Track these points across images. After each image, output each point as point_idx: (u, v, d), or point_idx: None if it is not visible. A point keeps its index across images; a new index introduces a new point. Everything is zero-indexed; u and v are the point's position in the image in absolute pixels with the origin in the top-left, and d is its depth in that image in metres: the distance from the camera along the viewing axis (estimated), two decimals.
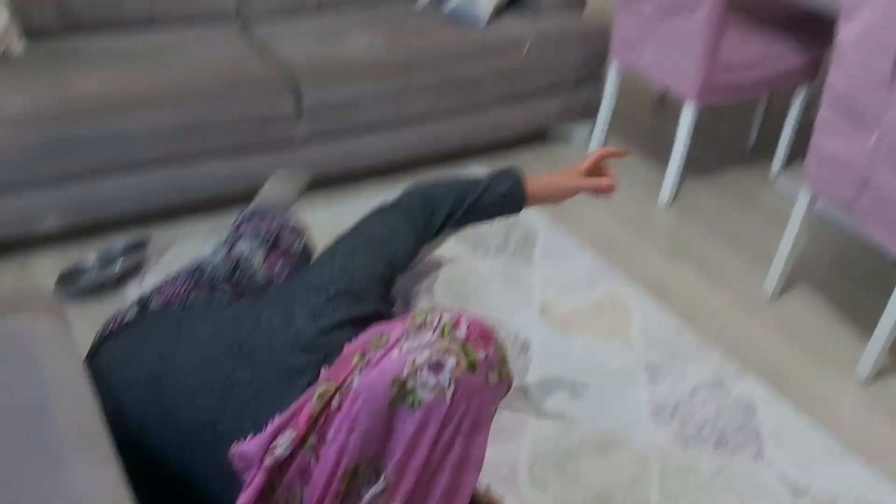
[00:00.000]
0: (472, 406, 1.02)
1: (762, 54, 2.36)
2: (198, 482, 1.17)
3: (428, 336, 1.03)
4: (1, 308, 1.27)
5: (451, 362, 1.00)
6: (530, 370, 1.85)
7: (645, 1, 2.39)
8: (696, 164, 2.78)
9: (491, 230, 2.34)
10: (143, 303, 1.36)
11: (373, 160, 2.48)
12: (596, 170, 1.58)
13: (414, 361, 1.00)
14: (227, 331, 1.19)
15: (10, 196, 2.00)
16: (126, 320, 1.34)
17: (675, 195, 2.59)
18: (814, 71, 2.47)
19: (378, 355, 1.03)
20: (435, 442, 1.01)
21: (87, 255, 2.10)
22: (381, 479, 1.02)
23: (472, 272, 2.17)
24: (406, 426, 1.00)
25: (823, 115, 1.85)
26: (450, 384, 0.99)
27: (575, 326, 1.99)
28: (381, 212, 1.37)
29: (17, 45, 2.17)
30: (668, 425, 1.72)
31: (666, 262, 2.27)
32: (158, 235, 2.24)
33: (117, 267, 2.01)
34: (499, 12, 2.65)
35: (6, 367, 1.15)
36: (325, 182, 2.52)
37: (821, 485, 1.60)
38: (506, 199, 1.44)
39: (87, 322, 1.92)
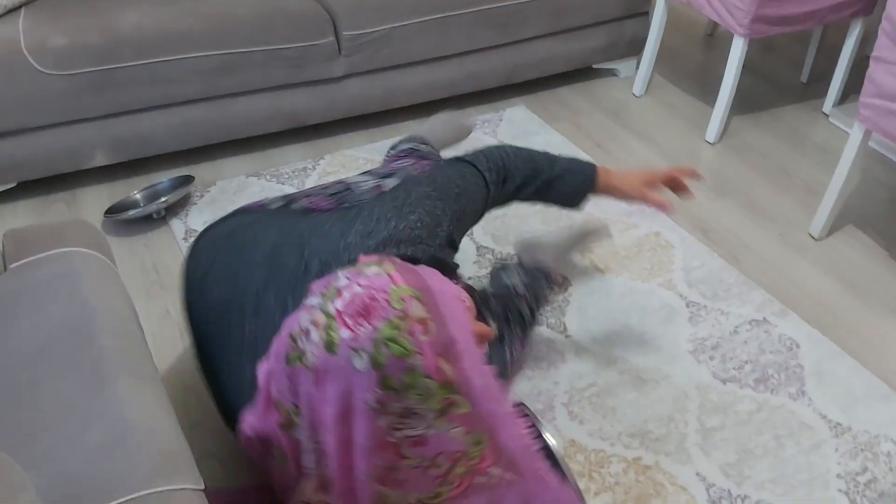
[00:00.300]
0: (332, 389, 0.92)
1: None
2: (235, 365, 1.20)
3: (316, 299, 0.97)
4: (50, 239, 1.31)
5: (314, 335, 0.93)
6: (569, 307, 1.85)
7: None
8: (746, 101, 2.70)
9: None
10: (287, 200, 1.43)
11: (413, 96, 2.45)
12: (673, 181, 1.55)
13: (300, 320, 0.96)
14: (301, 224, 1.26)
15: (57, 132, 2.04)
16: (267, 206, 1.42)
17: (724, 132, 2.52)
18: (871, 3, 2.35)
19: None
20: (322, 407, 0.94)
21: (135, 191, 2.14)
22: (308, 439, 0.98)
23: (512, 208, 2.16)
24: (302, 384, 0.95)
25: (880, 48, 1.77)
26: (312, 357, 0.93)
27: (616, 265, 1.97)
28: (460, 165, 1.38)
29: None
30: (708, 362, 1.71)
31: (711, 200, 2.23)
32: (202, 172, 2.27)
33: (164, 202, 2.04)
34: None
35: (55, 295, 1.19)
36: (365, 118, 2.51)
37: (862, 424, 1.59)
38: (574, 194, 1.48)
39: (133, 253, 1.97)
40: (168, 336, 1.75)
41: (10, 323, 1.15)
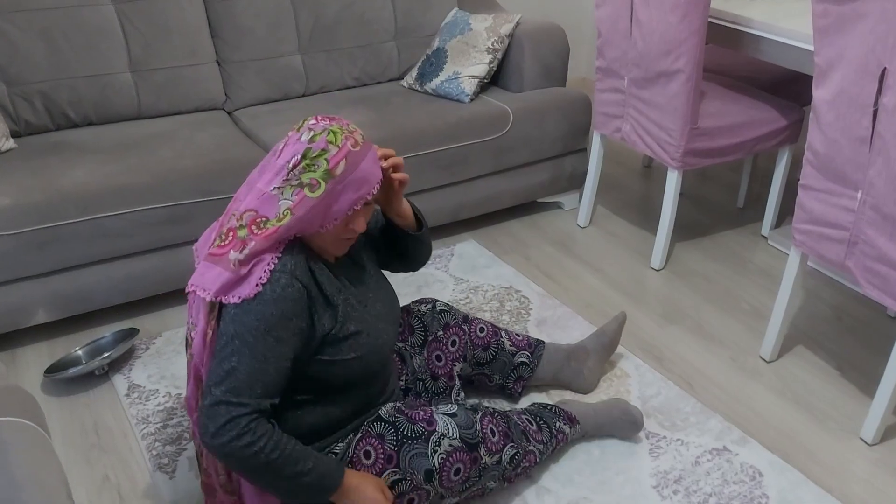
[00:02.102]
0: (284, 154, 1.37)
1: (742, 119, 2.39)
2: None
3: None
4: None
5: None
6: None
7: (622, 72, 2.44)
8: (686, 227, 2.79)
9: (485, 299, 2.32)
10: None
11: None
12: None
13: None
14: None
15: None
16: None
17: (668, 259, 2.58)
18: (796, 132, 2.50)
19: None
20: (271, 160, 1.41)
21: (76, 347, 2.08)
22: None
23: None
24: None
25: (806, 176, 1.86)
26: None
27: (572, 396, 1.95)
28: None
29: (7, 143, 2.20)
30: (673, 497, 1.67)
31: (661, 327, 2.25)
32: (147, 324, 2.22)
33: (106, 357, 1.98)
34: (482, 88, 2.71)
35: None
36: None
37: None
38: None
39: (73, 413, 1.88)
40: None
41: None
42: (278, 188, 1.35)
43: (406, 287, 2.40)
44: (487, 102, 2.61)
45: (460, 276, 2.46)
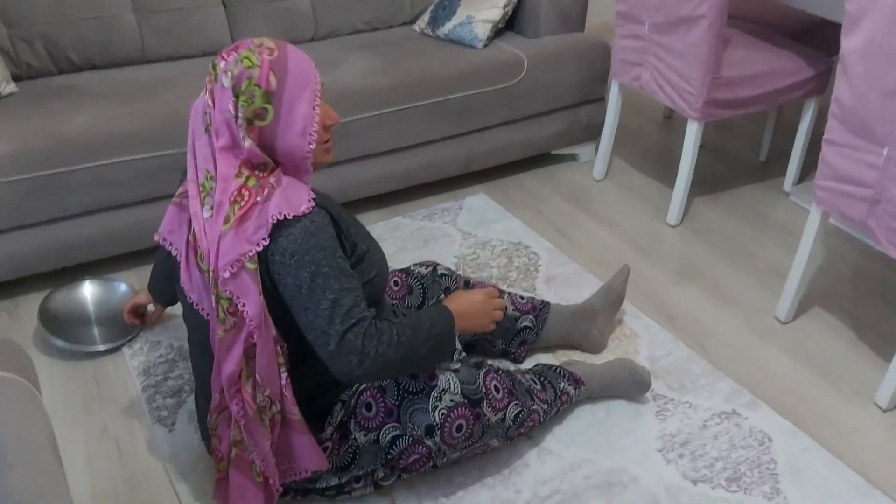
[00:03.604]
0: (217, 111, 1.30)
1: (766, 68, 2.27)
2: None
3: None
4: None
5: (208, 85, 1.33)
6: None
7: (643, 17, 2.33)
8: (706, 181, 2.70)
9: (493, 255, 2.27)
10: None
11: (369, 188, 2.42)
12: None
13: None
14: None
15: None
16: None
17: (684, 215, 2.50)
18: (823, 83, 2.39)
19: None
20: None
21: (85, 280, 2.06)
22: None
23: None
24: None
25: (831, 130, 1.77)
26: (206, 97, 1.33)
27: (579, 356, 1.91)
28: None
29: (8, 87, 2.15)
30: (678, 461, 1.63)
31: (674, 285, 2.19)
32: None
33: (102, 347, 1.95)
34: (497, 33, 2.60)
35: None
36: None
37: None
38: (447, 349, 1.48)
39: (73, 365, 1.87)
40: (105, 455, 1.65)
41: None
42: (241, 137, 1.29)
43: (412, 241, 2.35)
44: (501, 48, 2.51)
45: (468, 231, 2.40)
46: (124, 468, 1.62)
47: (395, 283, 1.76)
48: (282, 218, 1.26)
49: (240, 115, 1.27)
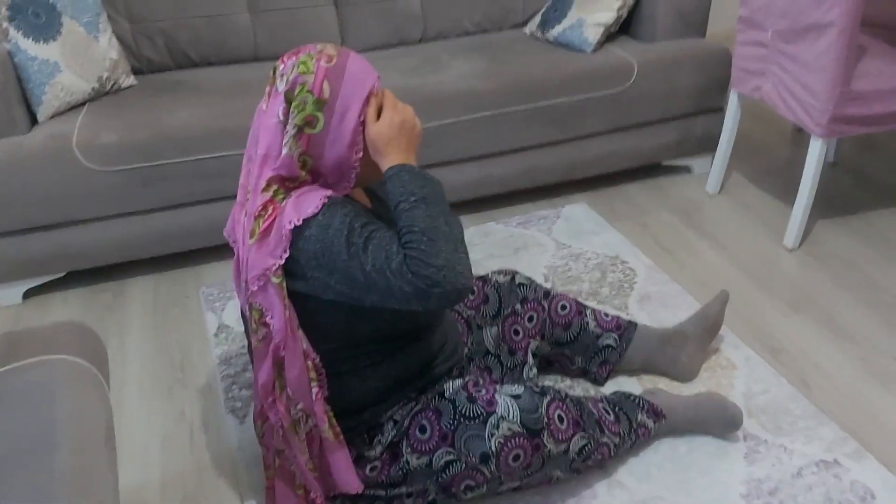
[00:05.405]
0: (269, 114, 1.29)
1: None
2: None
3: None
4: (40, 345, 1.28)
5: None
6: None
7: (767, 23, 2.15)
8: (835, 202, 2.47)
9: (586, 268, 2.17)
10: None
11: (465, 192, 2.38)
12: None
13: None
14: None
15: (104, 224, 2.08)
16: None
17: (803, 238, 2.29)
18: None
19: None
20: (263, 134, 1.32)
21: None
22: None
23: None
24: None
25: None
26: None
27: (666, 385, 1.78)
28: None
29: (127, 80, 2.27)
30: None
31: (783, 315, 2.00)
32: None
33: None
34: (610, 37, 2.49)
35: (25, 406, 1.14)
36: None
37: None
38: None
39: (165, 347, 1.94)
40: (179, 439, 1.70)
41: None
42: (284, 144, 1.26)
43: (502, 249, 2.28)
44: (611, 53, 2.40)
45: (563, 241, 2.31)
46: (194, 454, 1.66)
47: (472, 292, 1.70)
48: (294, 227, 1.23)
49: (290, 121, 1.25)
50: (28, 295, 2.17)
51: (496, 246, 2.30)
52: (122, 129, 2.02)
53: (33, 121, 2.06)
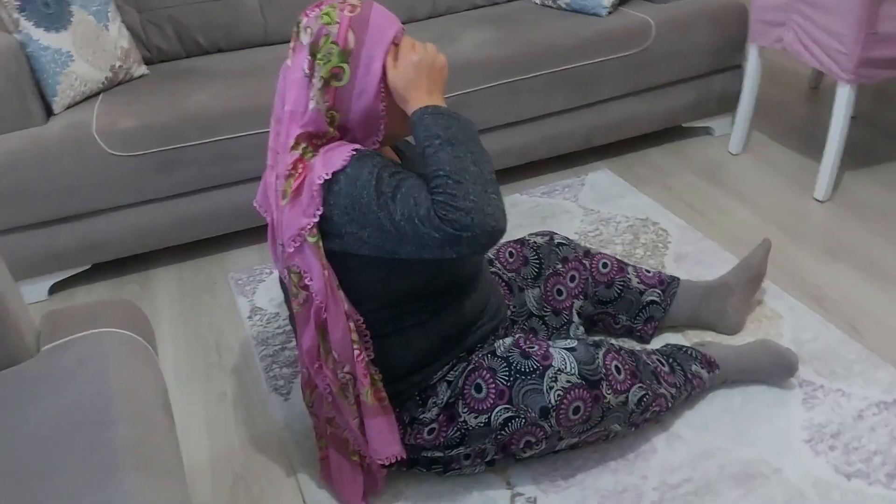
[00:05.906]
0: (294, 67, 1.26)
1: None
2: None
3: None
4: (86, 320, 1.25)
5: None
6: None
7: None
8: (858, 153, 2.44)
9: (617, 231, 2.14)
10: None
11: None
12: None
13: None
14: None
15: (127, 213, 2.05)
16: None
17: (834, 189, 2.27)
18: None
19: None
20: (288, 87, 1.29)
21: None
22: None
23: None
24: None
25: None
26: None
27: (713, 338, 1.75)
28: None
29: (139, 69, 2.23)
30: (828, 453, 1.45)
31: (822, 264, 1.98)
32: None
33: None
34: None
35: (78, 378, 1.11)
36: None
37: None
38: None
39: (199, 332, 1.91)
40: (222, 420, 1.66)
41: (28, 407, 1.07)
42: (310, 98, 1.23)
43: (529, 218, 2.25)
44: (626, 14, 2.37)
45: (591, 207, 2.28)
46: (240, 433, 1.62)
47: (510, 254, 1.67)
48: (324, 181, 1.20)
49: (315, 75, 1.22)
50: (54, 290, 2.13)
51: (524, 216, 2.26)
52: (142, 114, 1.98)
53: (48, 112, 2.02)
